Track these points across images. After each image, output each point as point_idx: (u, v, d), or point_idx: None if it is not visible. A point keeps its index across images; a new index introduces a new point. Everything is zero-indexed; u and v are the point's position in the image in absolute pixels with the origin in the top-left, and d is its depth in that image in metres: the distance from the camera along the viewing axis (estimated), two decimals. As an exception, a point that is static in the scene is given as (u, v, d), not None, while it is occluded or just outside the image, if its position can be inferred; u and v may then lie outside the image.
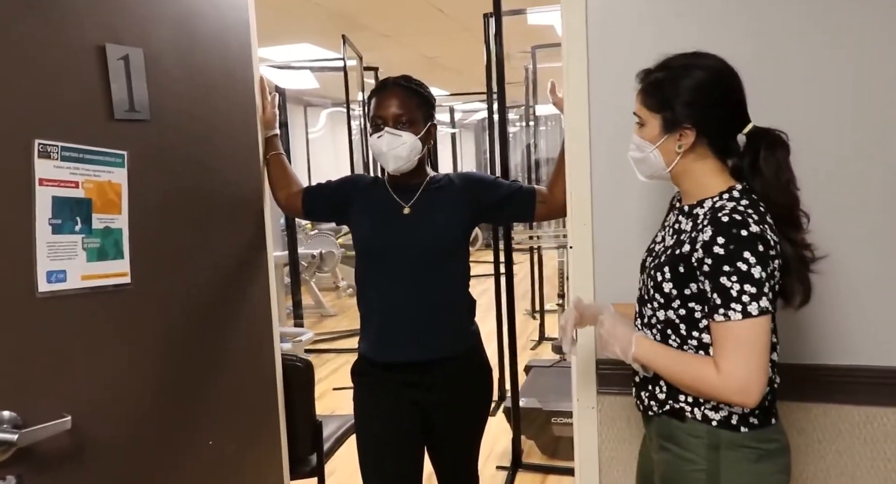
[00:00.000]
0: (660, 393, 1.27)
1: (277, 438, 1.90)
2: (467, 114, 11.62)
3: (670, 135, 1.24)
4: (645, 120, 1.27)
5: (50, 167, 1.22)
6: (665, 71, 1.25)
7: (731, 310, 1.12)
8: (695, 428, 1.21)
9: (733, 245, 1.11)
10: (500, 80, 2.88)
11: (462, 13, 4.90)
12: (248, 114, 1.81)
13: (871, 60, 1.43)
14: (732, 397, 1.13)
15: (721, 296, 1.12)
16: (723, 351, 1.13)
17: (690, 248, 1.18)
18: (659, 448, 1.29)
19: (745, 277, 1.11)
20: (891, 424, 1.49)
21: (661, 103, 1.24)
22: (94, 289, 1.29)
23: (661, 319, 1.25)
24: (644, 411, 1.33)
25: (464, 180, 1.79)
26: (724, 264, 1.12)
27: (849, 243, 1.46)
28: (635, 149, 1.30)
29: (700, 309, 1.20)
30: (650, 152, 1.26)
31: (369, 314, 1.80)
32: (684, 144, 1.23)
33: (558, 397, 3.19)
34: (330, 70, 5.62)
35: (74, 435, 1.22)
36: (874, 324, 1.47)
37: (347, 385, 4.51)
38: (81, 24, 1.29)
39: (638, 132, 1.29)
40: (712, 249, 1.13)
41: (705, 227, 1.16)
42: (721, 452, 1.19)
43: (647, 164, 1.29)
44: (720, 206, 1.19)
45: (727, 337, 1.13)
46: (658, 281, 1.24)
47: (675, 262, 1.21)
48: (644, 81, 1.27)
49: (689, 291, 1.19)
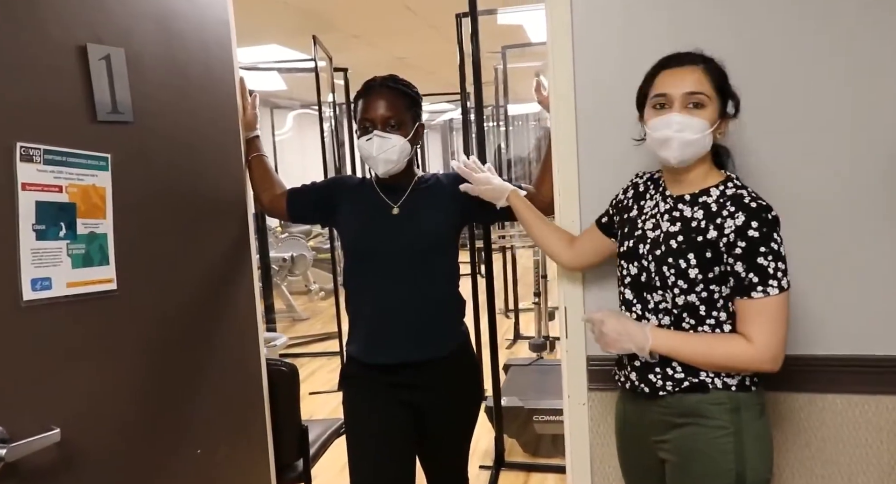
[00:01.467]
0: (675, 373, 1.31)
1: (264, 444, 1.87)
2: (434, 114, 11.62)
3: (721, 121, 1.29)
4: (709, 100, 1.26)
5: (33, 171, 1.17)
6: (709, 59, 1.29)
7: (769, 286, 1.22)
8: (718, 396, 1.28)
9: (766, 228, 1.21)
10: (476, 80, 2.88)
11: (432, 13, 4.89)
12: (230, 115, 1.78)
13: (859, 61, 1.47)
14: (765, 366, 1.25)
15: (759, 275, 1.22)
16: (758, 325, 1.23)
17: (718, 233, 1.25)
18: (672, 426, 1.32)
19: (777, 256, 1.22)
20: (872, 412, 1.53)
21: (721, 87, 1.28)
22: (80, 296, 1.25)
23: (681, 304, 1.29)
24: (652, 393, 1.33)
25: (452, 180, 1.79)
26: (760, 245, 1.21)
27: (831, 235, 1.50)
28: (688, 129, 1.25)
29: (718, 290, 1.27)
30: (706, 134, 1.27)
31: (358, 315, 1.78)
32: (724, 132, 1.30)
33: (538, 395, 3.21)
34: (298, 71, 5.56)
35: (63, 447, 1.19)
36: (855, 314, 1.51)
37: (323, 389, 4.52)
38: (62, 24, 1.25)
39: (695, 113, 1.26)
40: (746, 232, 1.22)
41: (736, 214, 1.23)
42: (741, 413, 1.28)
43: (696, 146, 1.27)
44: (738, 194, 1.26)
45: (764, 311, 1.23)
46: (682, 268, 1.27)
47: (700, 248, 1.26)
48: (699, 62, 1.28)
49: (713, 273, 1.26)
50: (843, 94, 1.47)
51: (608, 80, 1.58)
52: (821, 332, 1.54)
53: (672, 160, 1.28)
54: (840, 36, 1.46)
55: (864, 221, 1.49)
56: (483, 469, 3.17)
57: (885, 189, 1.47)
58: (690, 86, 1.26)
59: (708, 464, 1.27)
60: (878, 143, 1.46)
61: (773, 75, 1.50)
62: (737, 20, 1.50)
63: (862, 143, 1.47)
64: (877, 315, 1.50)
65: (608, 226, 1.50)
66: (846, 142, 1.48)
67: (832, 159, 1.49)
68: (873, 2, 1.43)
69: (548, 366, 3.77)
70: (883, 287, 1.49)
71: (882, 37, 1.44)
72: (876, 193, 1.47)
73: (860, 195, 1.48)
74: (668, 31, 1.53)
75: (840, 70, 1.46)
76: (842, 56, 1.46)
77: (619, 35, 1.57)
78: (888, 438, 1.53)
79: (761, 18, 1.49)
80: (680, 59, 1.29)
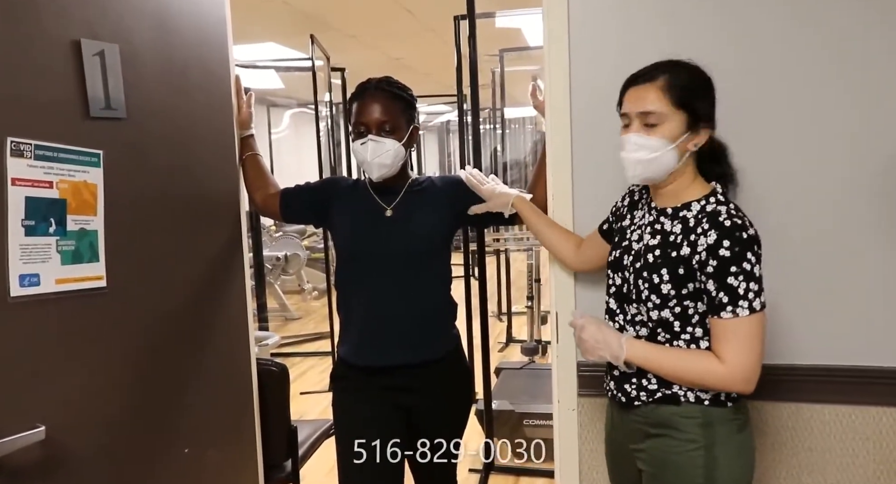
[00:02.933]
0: (649, 384, 1.31)
1: (253, 444, 1.87)
2: (431, 116, 11.63)
3: (691, 133, 1.25)
4: (666, 117, 1.23)
5: (23, 166, 1.17)
6: (678, 69, 1.25)
7: (738, 307, 1.19)
8: (689, 409, 1.28)
9: (738, 247, 1.18)
10: (473, 83, 2.88)
11: (429, 14, 4.89)
12: (225, 113, 1.77)
13: (857, 72, 1.47)
14: (737, 386, 1.22)
15: (728, 295, 1.19)
16: (729, 344, 1.20)
17: (690, 250, 1.23)
18: (647, 436, 1.32)
19: (749, 276, 1.19)
20: (859, 422, 1.54)
21: (684, 100, 1.23)
22: (68, 293, 1.25)
23: (655, 319, 1.28)
24: (628, 403, 1.35)
25: (446, 183, 1.79)
26: (730, 265, 1.18)
27: (818, 246, 1.51)
28: (643, 149, 1.24)
29: (693, 306, 1.25)
30: (666, 151, 1.24)
31: (350, 317, 1.78)
32: (699, 143, 1.27)
33: (529, 399, 3.21)
34: (296, 70, 5.55)
35: (48, 446, 1.18)
36: (843, 325, 1.52)
37: (314, 389, 4.51)
38: (55, 18, 1.24)
39: (650, 132, 1.24)
40: (717, 251, 1.19)
41: (708, 232, 1.21)
42: (715, 428, 1.27)
43: (656, 164, 1.25)
44: (716, 211, 1.23)
45: (735, 332, 1.20)
46: (655, 283, 1.26)
47: (673, 264, 1.24)
48: (658, 78, 1.24)
49: (686, 290, 1.24)
50: (841, 105, 1.47)
51: (604, 85, 1.57)
52: (808, 342, 1.54)
53: (631, 179, 1.29)
54: (840, 46, 1.46)
55: (852, 233, 1.49)
56: (472, 472, 3.16)
57: (875, 202, 1.47)
58: (645, 105, 1.23)
59: (678, 476, 1.27)
60: (872, 156, 1.47)
61: (770, 83, 1.50)
62: (734, 27, 1.50)
63: (855, 156, 1.47)
64: (864, 326, 1.51)
65: (608, 233, 1.50)
66: (839, 154, 1.48)
67: (825, 172, 1.49)
68: (876, 18, 1.43)
69: (539, 370, 3.77)
70: (871, 299, 1.50)
71: (882, 50, 1.44)
72: (866, 206, 1.48)
73: (850, 208, 1.49)
74: (664, 37, 1.53)
75: (838, 80, 1.47)
76: (838, 64, 1.46)
77: (615, 41, 1.57)
78: (874, 448, 1.53)
79: (759, 26, 1.49)
80: (640, 76, 1.27)
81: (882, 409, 1.52)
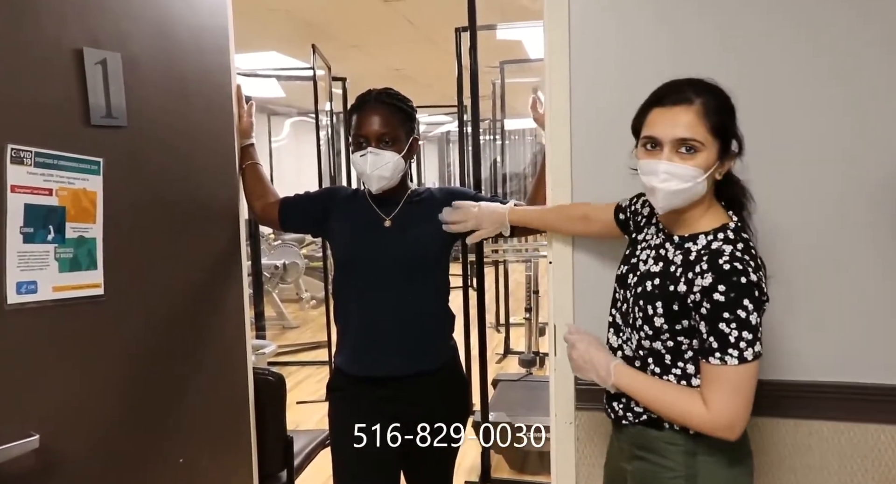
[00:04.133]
0: (636, 405, 1.28)
1: (248, 454, 1.86)
2: (432, 126, 11.66)
3: (721, 162, 1.18)
4: (704, 144, 1.15)
5: (23, 173, 1.17)
6: (711, 91, 1.17)
7: (727, 355, 1.13)
8: (672, 436, 1.23)
9: (734, 293, 1.11)
10: (473, 94, 2.89)
11: (431, 26, 4.92)
12: (226, 122, 1.78)
13: (858, 88, 1.47)
14: (718, 433, 1.16)
15: (718, 341, 1.13)
16: (714, 391, 1.15)
17: (687, 288, 1.17)
18: (633, 457, 1.30)
19: (743, 324, 1.12)
20: (858, 439, 1.53)
21: (719, 127, 1.16)
22: (65, 301, 1.24)
23: (647, 348, 1.25)
24: (617, 421, 1.33)
25: (445, 194, 1.79)
26: (723, 311, 1.12)
27: (817, 261, 1.51)
28: (675, 178, 1.15)
29: (688, 342, 1.21)
30: (699, 182, 1.16)
31: (347, 326, 1.77)
32: (724, 171, 1.20)
33: (526, 411, 3.20)
34: (297, 79, 5.57)
35: (42, 454, 1.17)
36: (842, 342, 1.51)
37: (311, 398, 4.49)
38: (58, 27, 1.25)
39: (685, 159, 1.15)
40: (712, 295, 1.13)
41: (705, 273, 1.14)
42: (698, 458, 1.21)
43: (687, 194, 1.17)
44: (719, 250, 1.16)
45: (721, 379, 1.14)
46: (649, 314, 1.22)
47: (668, 299, 1.19)
48: (694, 101, 1.15)
49: (680, 326, 1.20)
50: (841, 124, 1.47)
51: (605, 98, 1.58)
52: (807, 358, 1.53)
53: (658, 209, 1.22)
54: (842, 65, 1.46)
55: (851, 249, 1.49)
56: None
57: (872, 218, 1.47)
58: (682, 131, 1.14)
59: None
60: (869, 171, 1.47)
61: (768, 95, 1.50)
62: (736, 41, 1.51)
63: (853, 171, 1.48)
64: (863, 343, 1.50)
65: (624, 223, 1.45)
66: (838, 169, 1.48)
67: (823, 187, 1.49)
68: (878, 35, 1.44)
69: (537, 382, 3.75)
70: (869, 315, 1.49)
71: (882, 69, 1.44)
72: (863, 222, 1.48)
73: (848, 223, 1.49)
74: (666, 51, 1.53)
75: (838, 95, 1.47)
76: (843, 87, 1.46)
77: (616, 54, 1.57)
78: (872, 466, 1.52)
79: (761, 40, 1.49)
80: (674, 97, 1.17)
81: (881, 426, 1.51)
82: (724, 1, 1.51)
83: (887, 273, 1.48)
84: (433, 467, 1.86)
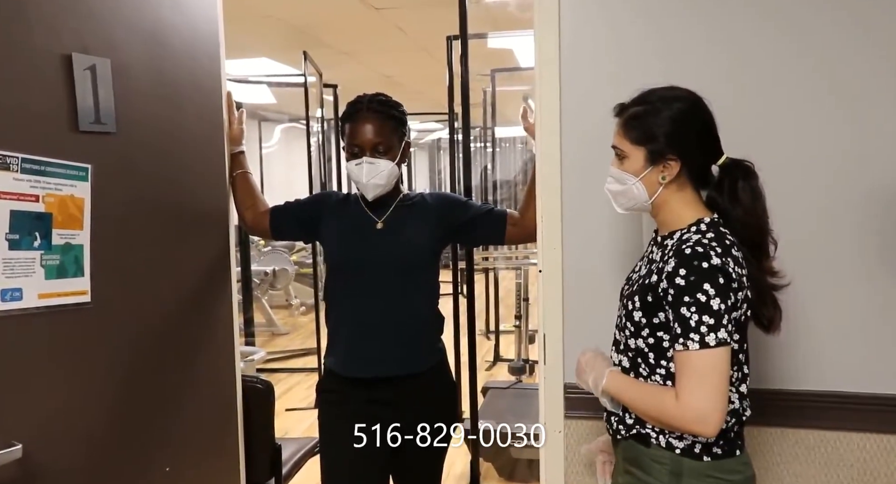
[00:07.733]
0: (628, 418, 1.29)
1: (236, 463, 1.84)
2: (422, 133, 11.68)
3: (654, 166, 1.24)
4: (627, 153, 1.26)
5: (9, 180, 1.16)
6: (644, 104, 1.26)
7: (689, 340, 1.13)
8: (659, 454, 1.23)
9: (694, 276, 1.14)
10: (464, 101, 2.90)
11: (422, 34, 4.93)
12: (216, 129, 1.77)
13: (843, 94, 1.48)
14: (691, 426, 1.15)
15: (681, 325, 1.15)
16: (681, 380, 1.15)
17: (657, 278, 1.20)
18: (623, 471, 1.31)
19: (703, 308, 1.13)
20: (843, 448, 1.54)
21: (644, 136, 1.24)
22: (51, 308, 1.23)
23: (632, 348, 1.27)
24: (613, 435, 1.34)
25: (436, 199, 1.81)
26: (684, 295, 1.14)
27: (808, 271, 1.51)
28: (614, 181, 1.29)
29: (668, 339, 1.22)
30: (632, 184, 1.26)
31: (338, 328, 1.79)
32: (668, 175, 1.25)
33: (516, 419, 3.19)
34: (288, 85, 5.56)
35: (25, 464, 1.16)
36: (827, 350, 1.52)
37: (300, 406, 4.46)
38: (47, 33, 1.24)
39: (618, 165, 1.28)
40: (674, 279, 1.16)
41: (670, 259, 1.19)
42: (683, 480, 1.21)
43: (627, 196, 1.28)
44: (686, 238, 1.21)
45: (685, 366, 1.15)
46: (629, 309, 1.26)
47: (644, 292, 1.23)
48: (623, 115, 1.27)
49: (658, 319, 1.22)
50: (842, 133, 1.48)
51: (595, 107, 1.58)
52: (793, 367, 1.54)
53: (616, 208, 1.32)
54: (837, 79, 1.47)
55: (844, 260, 1.50)
56: (457, 492, 3.13)
57: (867, 229, 1.48)
58: (614, 139, 1.29)
59: None
60: (867, 180, 1.47)
61: (760, 108, 1.51)
62: (726, 50, 1.52)
63: (851, 179, 1.48)
64: (849, 352, 1.51)
65: None
66: (837, 176, 1.49)
67: (819, 197, 1.50)
68: (876, 53, 1.45)
69: (526, 390, 3.75)
70: (858, 324, 1.50)
71: (871, 70, 1.46)
72: (858, 233, 1.49)
73: (843, 234, 1.50)
74: (656, 60, 1.54)
75: (832, 110, 1.48)
76: (837, 97, 1.48)
77: (607, 63, 1.58)
78: (858, 475, 1.53)
79: (752, 49, 1.50)
80: (616, 108, 1.30)
81: (867, 435, 1.52)
82: (714, 10, 1.52)
83: (873, 282, 1.49)
84: (422, 469, 1.87)
